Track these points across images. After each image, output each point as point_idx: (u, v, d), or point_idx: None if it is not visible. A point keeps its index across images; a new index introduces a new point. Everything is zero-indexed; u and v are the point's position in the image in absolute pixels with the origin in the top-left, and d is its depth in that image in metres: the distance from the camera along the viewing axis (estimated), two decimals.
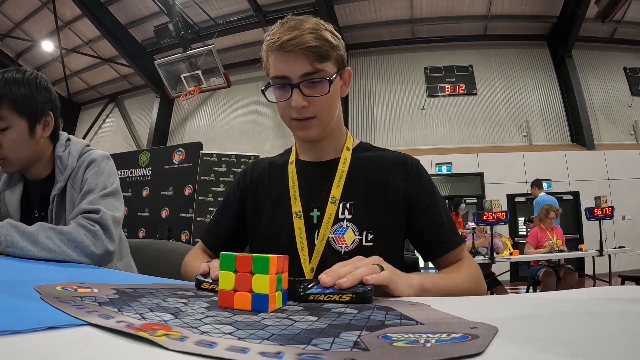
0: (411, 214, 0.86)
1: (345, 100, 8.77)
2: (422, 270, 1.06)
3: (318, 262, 0.82)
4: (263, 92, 0.84)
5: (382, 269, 0.56)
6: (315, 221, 0.85)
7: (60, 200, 1.11)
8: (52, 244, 0.91)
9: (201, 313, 0.38)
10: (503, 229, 7.27)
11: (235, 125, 9.96)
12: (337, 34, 0.85)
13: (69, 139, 1.19)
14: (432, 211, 0.86)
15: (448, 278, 0.76)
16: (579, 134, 8.10)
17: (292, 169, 0.92)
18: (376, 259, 0.59)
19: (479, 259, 4.32)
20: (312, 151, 0.92)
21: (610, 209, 4.75)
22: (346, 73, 0.88)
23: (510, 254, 4.68)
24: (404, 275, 0.61)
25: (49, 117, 1.11)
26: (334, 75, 0.81)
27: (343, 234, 0.83)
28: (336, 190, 0.86)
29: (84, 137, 11.87)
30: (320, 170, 0.90)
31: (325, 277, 0.50)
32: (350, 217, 0.84)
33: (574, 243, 5.76)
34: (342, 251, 0.82)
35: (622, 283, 4.26)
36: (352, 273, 0.51)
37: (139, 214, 5.14)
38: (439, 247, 0.85)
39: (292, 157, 0.94)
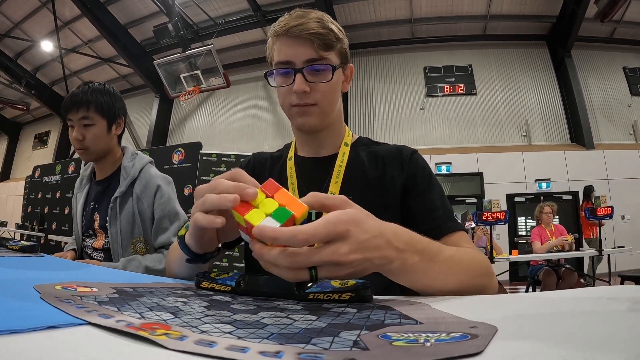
0: (406, 201, 0.84)
1: (344, 100, 8.77)
2: None
3: None
4: (266, 75, 0.84)
5: (314, 275, 0.44)
6: (314, 218, 0.85)
7: (121, 202, 1.38)
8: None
9: (201, 312, 0.38)
10: (502, 229, 7.29)
11: (235, 124, 9.96)
12: (342, 29, 0.86)
13: (136, 154, 1.50)
14: (425, 197, 0.84)
15: (443, 258, 0.58)
16: (579, 134, 8.11)
17: (290, 164, 0.92)
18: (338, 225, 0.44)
19: None
20: (311, 145, 0.92)
21: (610, 208, 4.75)
22: (348, 69, 0.89)
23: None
24: (370, 268, 0.47)
25: (121, 120, 1.45)
26: (337, 65, 0.83)
27: None
28: (334, 187, 0.86)
29: None
30: (319, 166, 0.90)
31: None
32: None
33: (574, 243, 5.77)
34: None
35: (622, 283, 4.26)
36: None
37: None
38: (431, 233, 0.74)
39: (291, 153, 0.94)
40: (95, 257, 1.42)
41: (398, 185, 0.85)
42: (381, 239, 0.48)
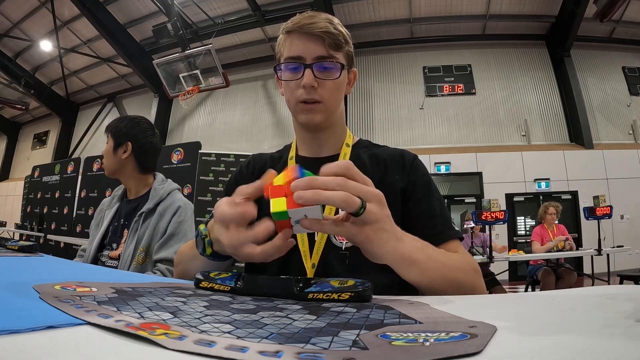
0: (404, 205, 0.85)
1: (344, 100, 8.78)
2: None
3: (319, 258, 0.82)
4: (275, 69, 0.86)
5: (362, 208, 0.53)
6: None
7: (145, 218, 1.49)
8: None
9: (200, 312, 0.38)
10: (502, 229, 7.30)
11: (234, 124, 9.96)
12: (349, 34, 0.89)
13: (166, 180, 1.66)
14: (425, 203, 0.85)
15: (439, 250, 0.70)
16: (578, 134, 8.12)
17: (291, 164, 0.92)
18: (375, 194, 0.56)
19: (477, 258, 4.33)
20: (312, 145, 0.92)
21: (609, 208, 4.76)
22: (352, 73, 0.91)
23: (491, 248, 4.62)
24: (392, 231, 0.58)
25: (127, 145, 1.56)
26: (345, 65, 0.85)
27: None
28: None
29: (82, 137, 11.90)
30: (320, 166, 0.90)
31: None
32: None
33: (573, 243, 5.77)
34: (343, 247, 0.82)
35: (621, 282, 4.27)
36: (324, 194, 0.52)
37: None
38: (431, 239, 0.78)
39: (292, 153, 0.95)
40: (108, 265, 1.50)
41: (399, 188, 0.86)
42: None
